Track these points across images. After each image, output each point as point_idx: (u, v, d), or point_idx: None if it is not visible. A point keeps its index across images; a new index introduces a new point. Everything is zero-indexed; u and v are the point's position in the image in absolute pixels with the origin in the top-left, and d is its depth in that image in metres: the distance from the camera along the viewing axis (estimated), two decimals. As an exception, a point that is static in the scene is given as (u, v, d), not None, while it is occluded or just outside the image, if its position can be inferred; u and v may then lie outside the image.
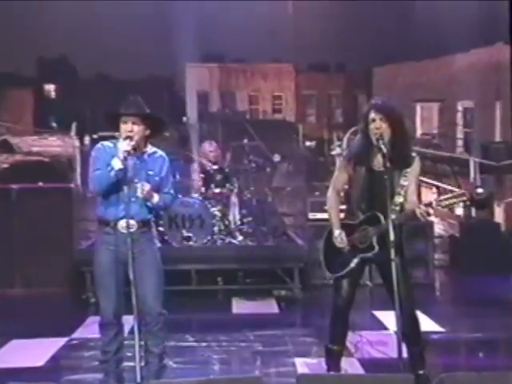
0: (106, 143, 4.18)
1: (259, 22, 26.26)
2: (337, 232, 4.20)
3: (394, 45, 24.68)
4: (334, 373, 4.19)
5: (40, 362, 5.09)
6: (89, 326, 5.73)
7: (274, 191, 9.79)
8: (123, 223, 4.02)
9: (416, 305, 4.22)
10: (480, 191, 8.80)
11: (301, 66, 32.31)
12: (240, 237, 7.78)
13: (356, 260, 4.18)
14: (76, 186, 8.33)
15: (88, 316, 6.13)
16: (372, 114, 4.09)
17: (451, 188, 11.15)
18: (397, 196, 4.09)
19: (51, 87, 32.84)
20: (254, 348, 5.47)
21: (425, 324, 5.46)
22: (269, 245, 7.70)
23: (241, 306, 6.95)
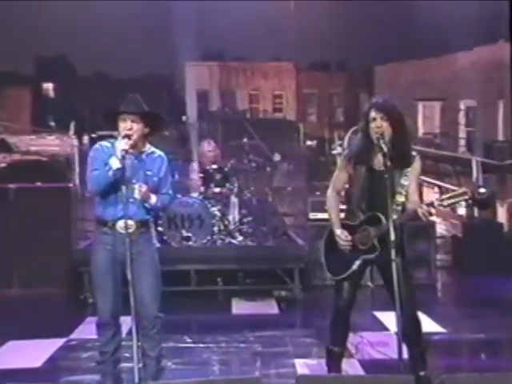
0: (104, 143, 4.18)
1: (260, 20, 26.26)
2: (338, 231, 4.18)
3: (396, 43, 24.68)
4: (334, 374, 4.19)
5: (37, 363, 5.09)
6: (87, 327, 5.72)
7: (275, 191, 9.78)
8: (121, 223, 4.01)
9: (417, 306, 4.21)
10: (482, 191, 8.79)
11: (301, 65, 32.32)
12: (240, 237, 7.77)
13: (358, 262, 4.16)
14: (74, 186, 8.31)
15: (86, 317, 6.13)
16: (372, 113, 4.08)
17: (453, 188, 11.15)
18: (398, 195, 4.08)
19: (50, 86, 32.84)
20: (254, 349, 5.46)
21: (426, 325, 5.46)
22: (269, 245, 7.69)
23: (241, 307, 6.94)
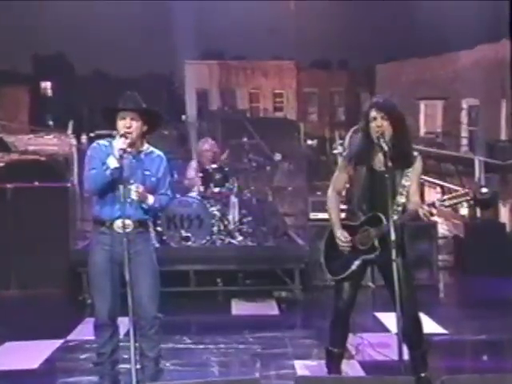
0: (102, 142, 4.17)
1: (260, 19, 26.28)
2: (338, 232, 4.18)
3: (397, 42, 24.68)
4: (333, 375, 4.19)
5: (35, 365, 5.09)
6: (85, 328, 5.70)
7: (275, 190, 9.79)
8: (119, 223, 4.01)
9: (418, 306, 4.21)
10: (484, 191, 8.78)
11: (302, 63, 32.34)
12: (240, 237, 7.76)
13: (357, 262, 4.16)
14: (73, 186, 8.30)
15: (84, 317, 6.12)
16: (373, 113, 4.08)
17: (455, 187, 11.14)
18: (399, 196, 4.08)
19: (48, 85, 32.87)
20: (254, 350, 5.46)
21: (428, 326, 5.45)
22: (269, 245, 7.69)
23: (240, 308, 6.94)
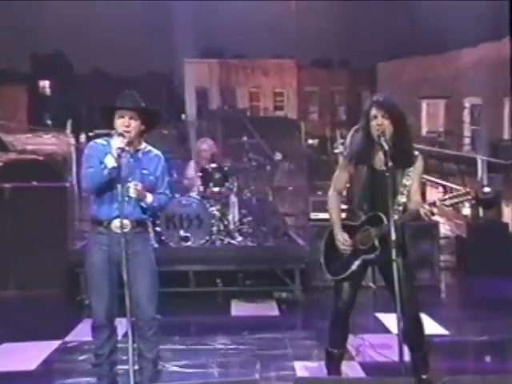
0: (100, 140, 4.16)
1: (260, 17, 26.27)
2: (339, 234, 4.18)
3: (399, 40, 24.67)
4: (333, 376, 4.18)
5: (32, 366, 5.08)
6: (83, 329, 5.70)
7: (275, 190, 9.78)
8: (117, 223, 4.00)
9: (419, 307, 4.20)
10: (487, 190, 8.78)
11: (303, 62, 32.34)
12: (239, 237, 7.76)
13: (358, 262, 4.16)
14: (71, 186, 8.30)
15: (82, 318, 6.11)
16: (373, 111, 4.08)
17: (457, 187, 11.14)
18: (399, 196, 4.08)
19: (46, 83, 32.87)
20: (253, 351, 5.45)
21: (430, 327, 5.45)
22: (269, 245, 7.68)
23: (240, 309, 6.94)
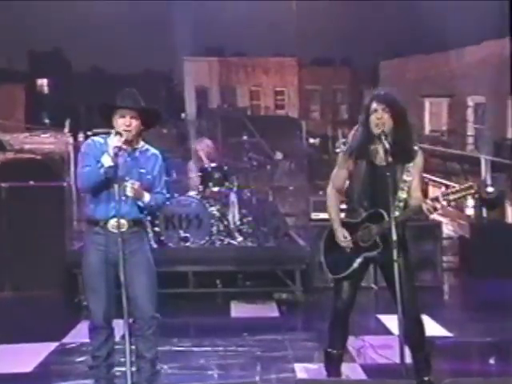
0: (97, 139, 4.15)
1: (261, 14, 26.26)
2: (338, 231, 4.18)
3: (402, 38, 24.66)
4: (334, 378, 4.18)
5: (29, 368, 5.08)
6: (81, 330, 5.68)
7: (276, 190, 9.79)
8: (113, 223, 4.00)
9: (420, 308, 4.19)
10: (491, 190, 8.77)
11: (304, 60, 32.32)
12: (239, 237, 7.77)
13: (359, 259, 4.15)
14: (69, 185, 8.31)
15: (80, 320, 6.11)
16: (374, 105, 4.08)
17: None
18: (400, 191, 4.08)
19: (44, 82, 32.90)
20: (253, 353, 5.45)
21: (432, 329, 5.46)
22: (269, 246, 7.69)
23: (240, 310, 6.94)
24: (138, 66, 31.15)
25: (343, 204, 4.33)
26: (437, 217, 8.44)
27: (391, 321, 5.76)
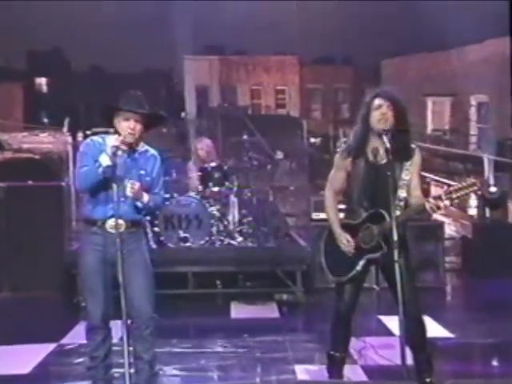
0: (96, 138, 4.15)
1: (262, 13, 26.27)
2: (339, 232, 4.17)
3: (403, 36, 24.65)
4: (334, 380, 4.17)
5: (27, 369, 5.08)
6: (79, 331, 5.65)
7: (276, 190, 9.78)
8: (111, 223, 4.01)
9: (422, 309, 4.19)
10: (494, 190, 8.77)
11: (305, 59, 32.31)
12: (240, 238, 7.76)
13: (362, 262, 4.13)
14: (68, 185, 8.30)
15: (79, 320, 6.08)
16: (378, 101, 4.09)
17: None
18: (400, 190, 4.07)
19: (43, 81, 32.91)
20: (254, 354, 5.44)
21: (434, 330, 5.46)
22: (270, 246, 7.68)
23: (240, 311, 6.94)
24: (138, 65, 31.18)
25: (341, 204, 4.33)
26: (439, 217, 8.45)
27: (392, 322, 5.76)
